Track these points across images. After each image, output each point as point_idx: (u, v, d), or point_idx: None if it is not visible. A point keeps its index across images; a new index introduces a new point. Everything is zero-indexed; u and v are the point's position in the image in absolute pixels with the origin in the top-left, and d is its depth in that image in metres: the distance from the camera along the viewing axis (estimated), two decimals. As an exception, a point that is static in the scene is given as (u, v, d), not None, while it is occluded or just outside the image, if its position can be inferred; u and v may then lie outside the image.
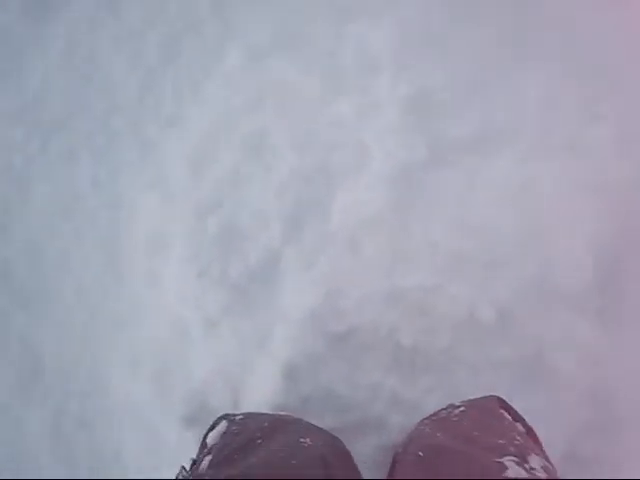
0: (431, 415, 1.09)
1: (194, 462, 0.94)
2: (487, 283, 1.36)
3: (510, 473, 0.73)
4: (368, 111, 1.58)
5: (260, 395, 1.31)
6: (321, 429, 1.11)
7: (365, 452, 1.26)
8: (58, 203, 1.87)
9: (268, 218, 1.51)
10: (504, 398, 1.07)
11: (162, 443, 1.44)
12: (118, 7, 2.00)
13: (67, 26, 2.06)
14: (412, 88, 1.56)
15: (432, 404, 1.24)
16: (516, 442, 0.85)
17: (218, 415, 1.07)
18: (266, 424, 0.99)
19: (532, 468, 0.77)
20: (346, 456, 1.12)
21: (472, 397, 1.13)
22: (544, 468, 0.78)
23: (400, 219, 1.43)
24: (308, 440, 0.96)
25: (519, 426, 0.96)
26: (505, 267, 1.37)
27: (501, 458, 0.77)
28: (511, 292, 1.34)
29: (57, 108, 1.98)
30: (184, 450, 1.29)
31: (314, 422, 1.11)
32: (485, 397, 1.07)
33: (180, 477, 0.90)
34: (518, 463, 0.76)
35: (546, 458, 0.86)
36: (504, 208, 1.45)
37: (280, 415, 1.10)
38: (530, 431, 0.98)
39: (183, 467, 0.93)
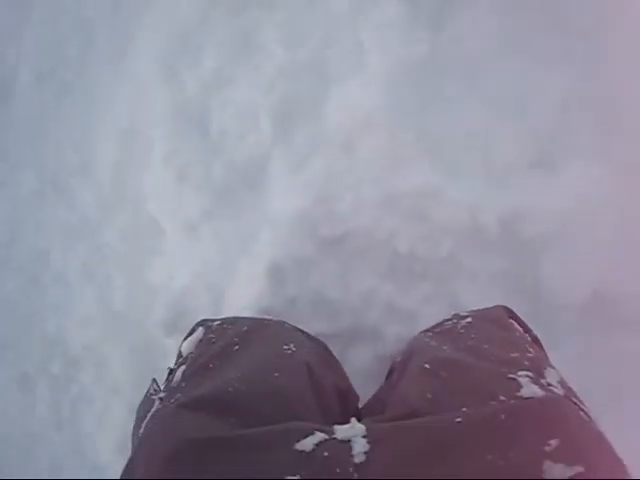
0: (434, 327, 0.95)
1: (170, 372, 0.80)
2: (490, 189, 1.20)
3: (525, 392, 0.62)
4: (365, 3, 1.35)
5: (244, 298, 1.17)
6: (307, 333, 0.98)
7: (357, 361, 1.14)
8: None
9: (256, 117, 1.34)
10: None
11: (144, 351, 1.30)
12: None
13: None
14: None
15: (429, 313, 1.11)
16: (529, 355, 0.73)
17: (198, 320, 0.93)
18: (245, 328, 0.86)
19: (549, 384, 0.65)
20: (334, 363, 1.00)
21: (471, 306, 1.00)
22: (561, 383, 0.67)
23: (399, 119, 1.25)
24: (292, 346, 0.83)
25: (528, 337, 0.83)
26: (509, 175, 1.22)
27: (515, 373, 0.65)
28: (514, 200, 1.18)
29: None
30: (166, 358, 1.16)
31: (301, 327, 0.96)
32: (492, 307, 0.94)
33: (151, 391, 0.76)
34: (533, 379, 0.64)
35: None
36: (511, 114, 1.26)
37: (261, 319, 0.96)
38: (537, 341, 0.86)
39: (154, 380, 0.79)
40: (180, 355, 0.84)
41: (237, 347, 0.80)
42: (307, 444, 0.56)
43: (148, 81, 1.49)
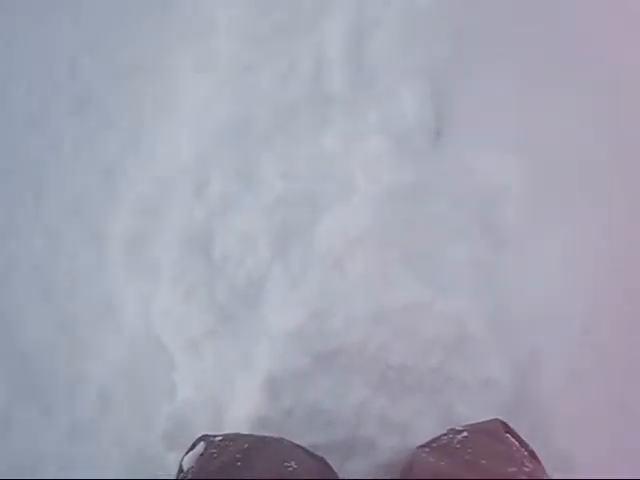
0: (431, 441, 0.93)
1: (172, 487, 0.77)
2: (477, 300, 1.23)
3: None
4: (354, 140, 1.46)
5: (243, 413, 1.14)
6: (306, 450, 0.95)
7: (354, 474, 1.10)
8: None
9: (255, 242, 1.38)
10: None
11: (144, 465, 1.25)
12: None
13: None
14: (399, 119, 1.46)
15: (423, 425, 1.10)
16: (526, 469, 0.72)
17: (199, 435, 0.91)
18: (246, 445, 0.84)
19: None
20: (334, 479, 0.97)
21: (464, 417, 0.99)
22: None
23: (387, 240, 1.31)
24: (293, 464, 0.82)
25: (525, 451, 0.81)
26: (493, 285, 1.27)
27: None
28: (501, 306, 1.21)
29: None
30: (166, 472, 1.11)
31: (298, 441, 0.94)
32: (488, 421, 0.93)
33: None
34: None
35: None
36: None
37: (262, 436, 0.93)
38: (534, 455, 0.84)
39: None
40: (181, 469, 0.82)
41: (239, 463, 0.78)
42: None
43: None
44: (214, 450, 0.83)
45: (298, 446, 0.94)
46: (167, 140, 1.63)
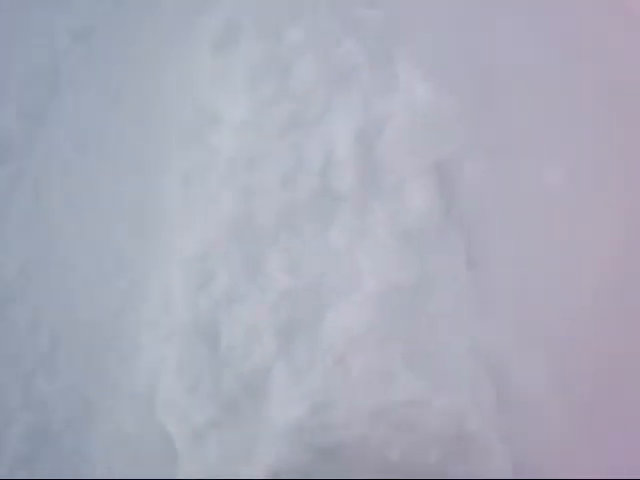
0: None
1: None
2: (476, 394, 1.24)
3: None
4: (360, 235, 1.52)
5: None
6: None
7: None
8: None
9: (260, 335, 1.41)
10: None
11: None
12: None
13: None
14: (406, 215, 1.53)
15: None
16: None
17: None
18: None
19: None
20: None
21: None
22: None
23: (389, 336, 1.34)
24: None
25: None
26: (489, 383, 1.29)
27: None
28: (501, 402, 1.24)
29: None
30: None
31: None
32: None
33: None
34: None
35: None
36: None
37: None
38: None
39: None
40: None
41: None
42: None
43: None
44: None
45: None
46: (174, 233, 1.70)
